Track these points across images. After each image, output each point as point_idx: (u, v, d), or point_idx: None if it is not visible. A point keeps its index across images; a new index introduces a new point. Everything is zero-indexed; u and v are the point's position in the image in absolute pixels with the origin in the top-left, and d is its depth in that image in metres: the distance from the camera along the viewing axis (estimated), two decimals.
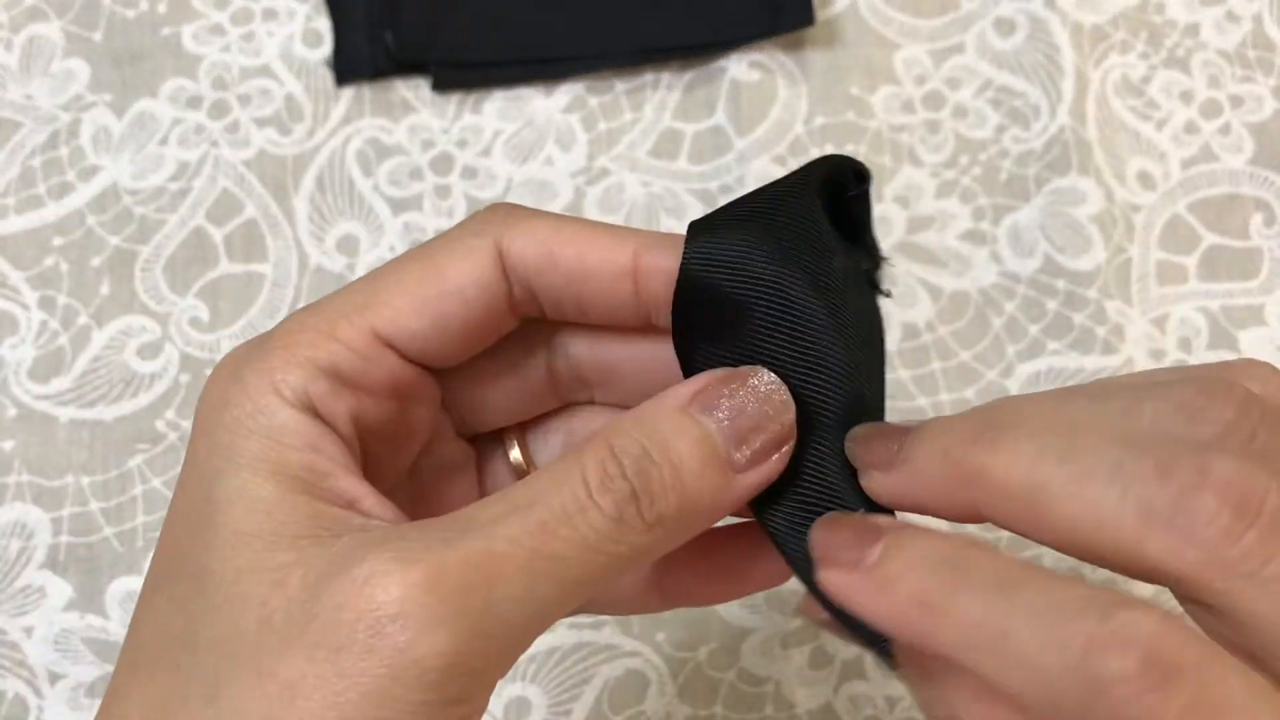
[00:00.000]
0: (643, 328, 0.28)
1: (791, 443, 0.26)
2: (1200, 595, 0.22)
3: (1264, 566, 0.21)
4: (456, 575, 0.23)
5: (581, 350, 0.29)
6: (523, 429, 0.31)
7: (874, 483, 0.26)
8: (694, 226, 0.27)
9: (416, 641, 0.22)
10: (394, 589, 0.22)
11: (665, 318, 0.27)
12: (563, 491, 0.24)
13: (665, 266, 0.27)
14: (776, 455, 0.25)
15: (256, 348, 0.26)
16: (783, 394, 0.25)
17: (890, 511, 0.26)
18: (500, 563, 0.23)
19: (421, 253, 0.27)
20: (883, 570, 0.24)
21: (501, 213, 0.27)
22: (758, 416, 0.25)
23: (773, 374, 0.26)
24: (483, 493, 0.31)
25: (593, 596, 0.25)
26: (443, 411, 0.30)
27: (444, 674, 0.22)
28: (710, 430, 0.25)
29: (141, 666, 0.24)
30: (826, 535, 0.25)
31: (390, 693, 0.22)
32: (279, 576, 0.23)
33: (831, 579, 0.24)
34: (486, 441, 0.31)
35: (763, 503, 0.26)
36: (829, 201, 0.27)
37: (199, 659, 0.23)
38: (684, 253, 0.27)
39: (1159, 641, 0.20)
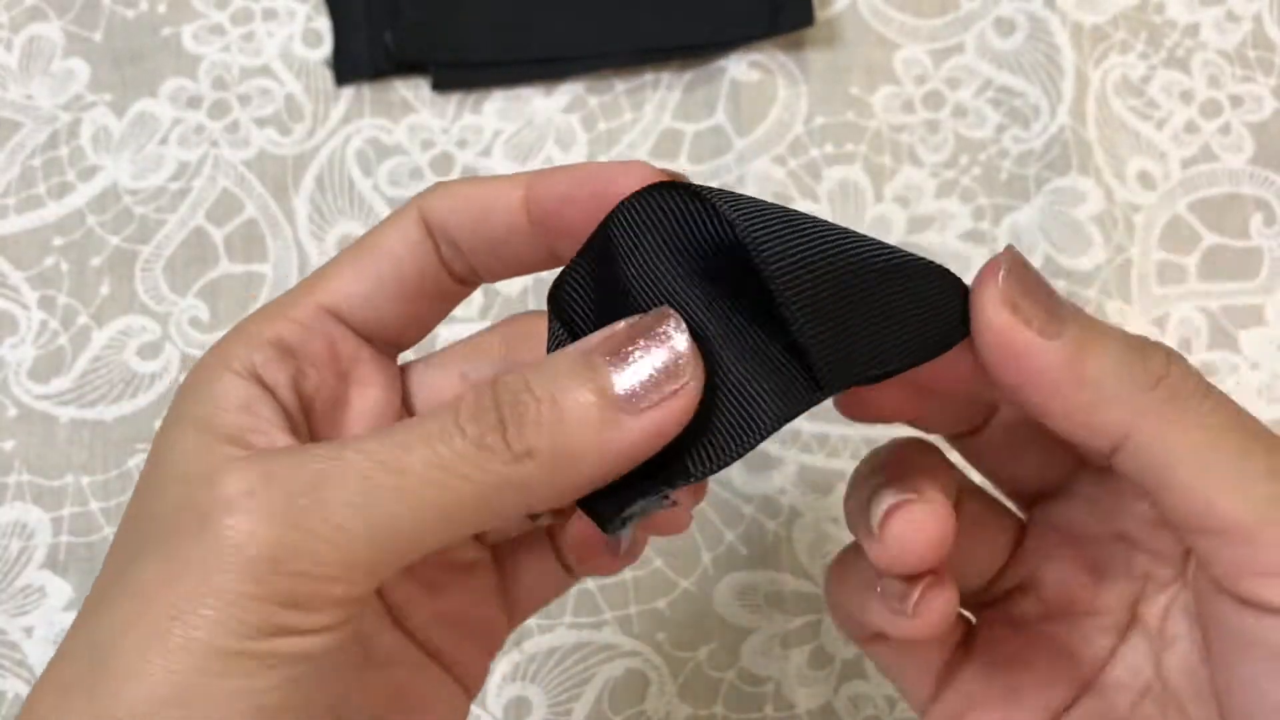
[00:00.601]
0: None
1: (693, 389, 0.24)
2: None
3: None
4: (291, 473, 0.23)
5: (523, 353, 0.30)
6: None
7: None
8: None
9: (237, 526, 0.23)
10: (230, 484, 0.23)
11: (565, 248, 0.27)
12: (433, 418, 0.24)
13: (554, 192, 0.27)
14: (675, 402, 0.24)
15: (222, 338, 0.28)
16: (684, 341, 0.24)
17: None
18: (341, 468, 0.23)
19: (361, 237, 0.29)
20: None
21: (429, 187, 0.29)
22: (654, 358, 0.24)
23: (680, 319, 0.24)
24: None
25: (471, 532, 0.25)
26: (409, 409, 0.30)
27: (266, 565, 0.22)
28: (603, 372, 0.24)
29: (77, 616, 0.25)
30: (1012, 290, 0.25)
31: (215, 580, 0.22)
32: (171, 509, 0.24)
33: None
34: None
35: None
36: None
37: (105, 591, 0.24)
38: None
39: None
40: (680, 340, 0.24)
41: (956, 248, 0.49)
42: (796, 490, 0.46)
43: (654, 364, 0.24)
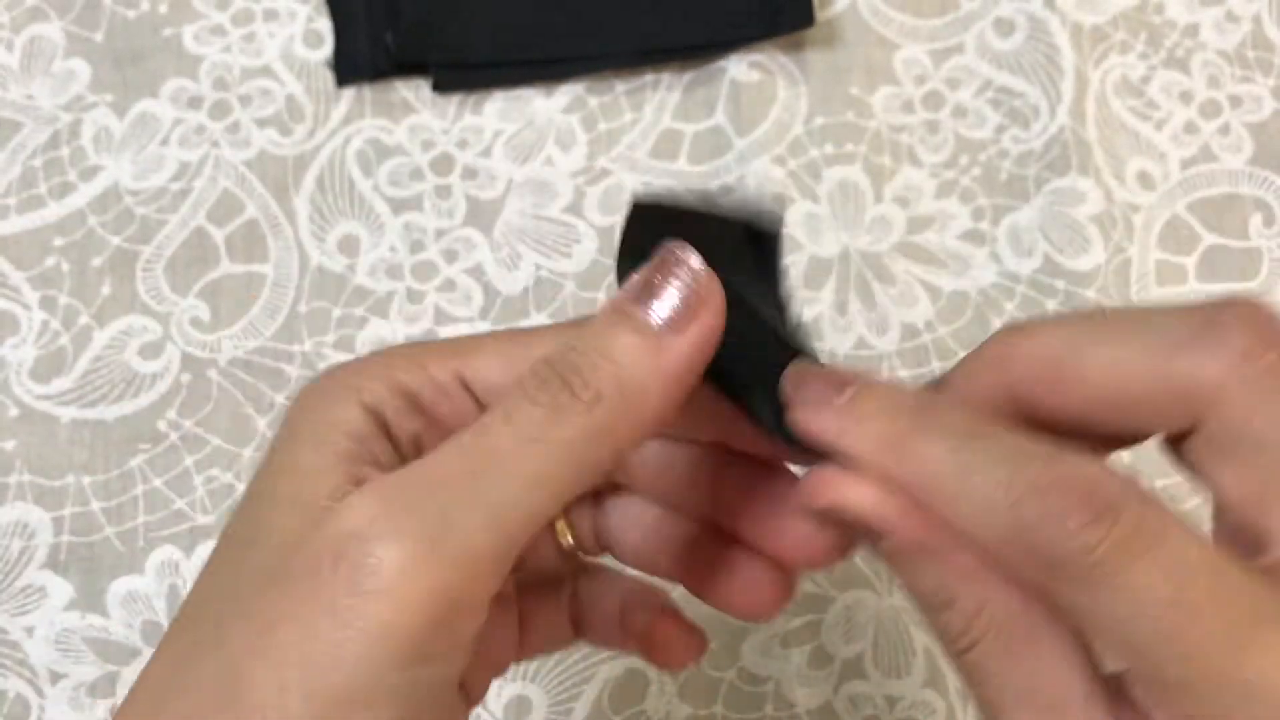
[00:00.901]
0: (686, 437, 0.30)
1: (717, 301, 0.26)
2: (1214, 408, 0.23)
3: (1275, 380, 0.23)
4: (405, 488, 0.24)
5: None
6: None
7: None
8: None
9: (371, 552, 0.23)
10: (353, 516, 0.24)
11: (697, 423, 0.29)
12: (499, 404, 0.25)
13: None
14: (704, 313, 0.26)
15: (354, 362, 0.29)
16: (696, 260, 0.26)
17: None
18: (445, 469, 0.24)
19: (521, 329, 0.31)
20: (854, 409, 0.25)
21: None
22: (675, 282, 0.26)
23: (689, 246, 0.26)
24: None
25: (571, 495, 0.25)
26: None
27: (402, 584, 0.23)
28: (635, 312, 0.26)
29: (176, 626, 0.26)
30: (799, 381, 0.26)
31: (356, 613, 0.23)
32: (293, 539, 0.24)
33: (805, 416, 0.26)
34: None
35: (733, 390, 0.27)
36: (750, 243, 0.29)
37: (217, 612, 0.25)
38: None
39: (1101, 484, 0.22)
40: (693, 259, 0.26)
41: (956, 248, 0.49)
42: None
43: (677, 287, 0.26)
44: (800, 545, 0.29)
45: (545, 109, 0.50)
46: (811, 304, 0.48)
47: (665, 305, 0.26)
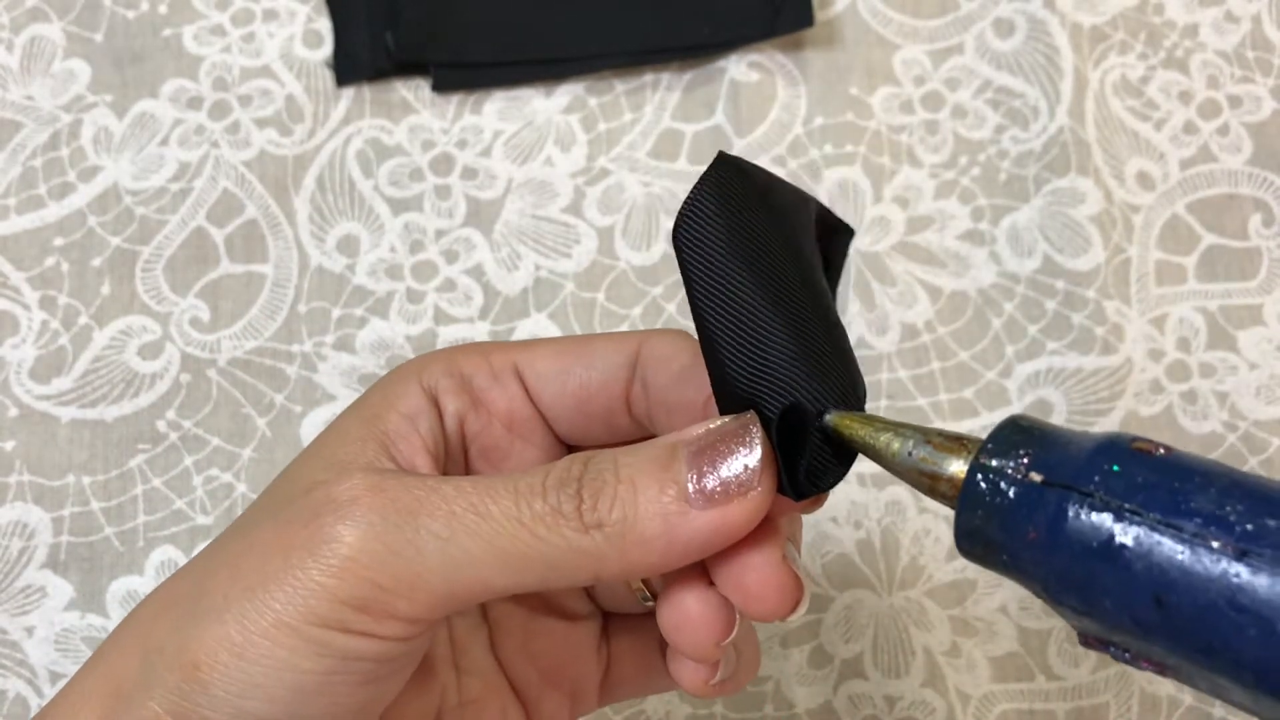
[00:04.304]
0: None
1: (757, 494, 0.25)
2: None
3: None
4: (394, 494, 0.26)
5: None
6: None
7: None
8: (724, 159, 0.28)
9: (333, 524, 0.25)
10: (347, 490, 0.26)
11: None
12: (526, 475, 0.26)
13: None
14: (738, 503, 0.25)
15: (433, 351, 0.31)
16: (759, 450, 0.26)
17: None
18: (436, 499, 0.26)
19: (580, 338, 0.32)
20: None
21: (659, 328, 0.32)
22: (729, 467, 0.26)
23: (760, 427, 0.26)
24: None
25: (539, 587, 0.27)
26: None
27: (348, 567, 0.25)
28: (680, 465, 0.26)
29: (215, 539, 0.29)
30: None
31: (304, 566, 0.25)
32: (313, 490, 0.27)
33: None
34: None
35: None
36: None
37: (237, 530, 0.28)
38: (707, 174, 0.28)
39: None
40: (755, 449, 0.26)
41: (955, 248, 0.49)
42: None
43: (730, 468, 0.26)
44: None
45: (545, 109, 0.50)
46: None
47: (713, 479, 0.25)
